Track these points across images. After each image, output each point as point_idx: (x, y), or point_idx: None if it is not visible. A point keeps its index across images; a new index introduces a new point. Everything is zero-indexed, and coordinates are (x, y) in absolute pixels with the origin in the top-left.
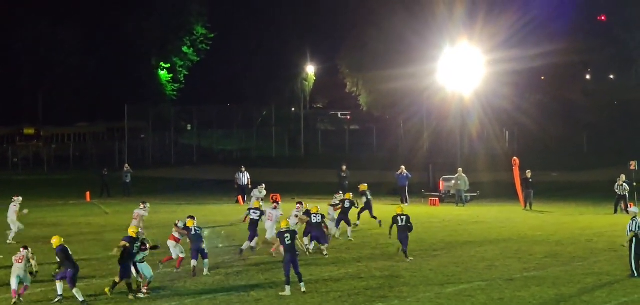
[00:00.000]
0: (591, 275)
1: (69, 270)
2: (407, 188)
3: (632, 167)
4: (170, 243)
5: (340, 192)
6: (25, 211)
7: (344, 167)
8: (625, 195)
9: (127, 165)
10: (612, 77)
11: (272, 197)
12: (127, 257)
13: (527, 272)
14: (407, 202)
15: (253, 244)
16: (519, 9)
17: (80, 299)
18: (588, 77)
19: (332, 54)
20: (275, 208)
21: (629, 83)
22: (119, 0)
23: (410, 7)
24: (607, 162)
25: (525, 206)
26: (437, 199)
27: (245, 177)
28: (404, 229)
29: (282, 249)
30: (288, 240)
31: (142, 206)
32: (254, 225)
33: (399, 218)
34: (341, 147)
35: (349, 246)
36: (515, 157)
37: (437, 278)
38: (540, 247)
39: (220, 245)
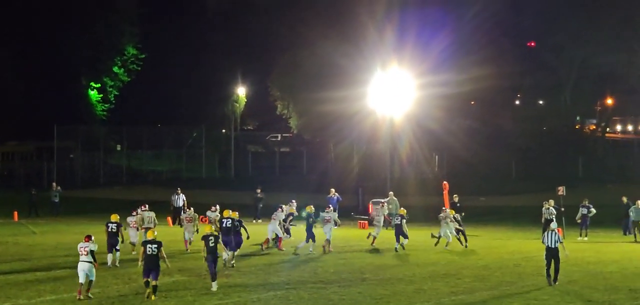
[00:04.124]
0: (519, 299)
1: None
2: (337, 211)
3: (560, 193)
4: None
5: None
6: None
7: (259, 190)
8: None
9: (55, 184)
10: (541, 102)
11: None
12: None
13: (455, 295)
14: (337, 225)
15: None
16: (449, 34)
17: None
18: (517, 102)
19: (264, 76)
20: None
21: (557, 109)
22: (50, 19)
23: (342, 31)
24: (536, 187)
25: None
26: (366, 222)
27: (180, 199)
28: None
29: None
30: (211, 243)
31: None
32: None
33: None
34: (271, 169)
35: (278, 268)
36: (445, 181)
37: (365, 301)
38: (468, 271)
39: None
